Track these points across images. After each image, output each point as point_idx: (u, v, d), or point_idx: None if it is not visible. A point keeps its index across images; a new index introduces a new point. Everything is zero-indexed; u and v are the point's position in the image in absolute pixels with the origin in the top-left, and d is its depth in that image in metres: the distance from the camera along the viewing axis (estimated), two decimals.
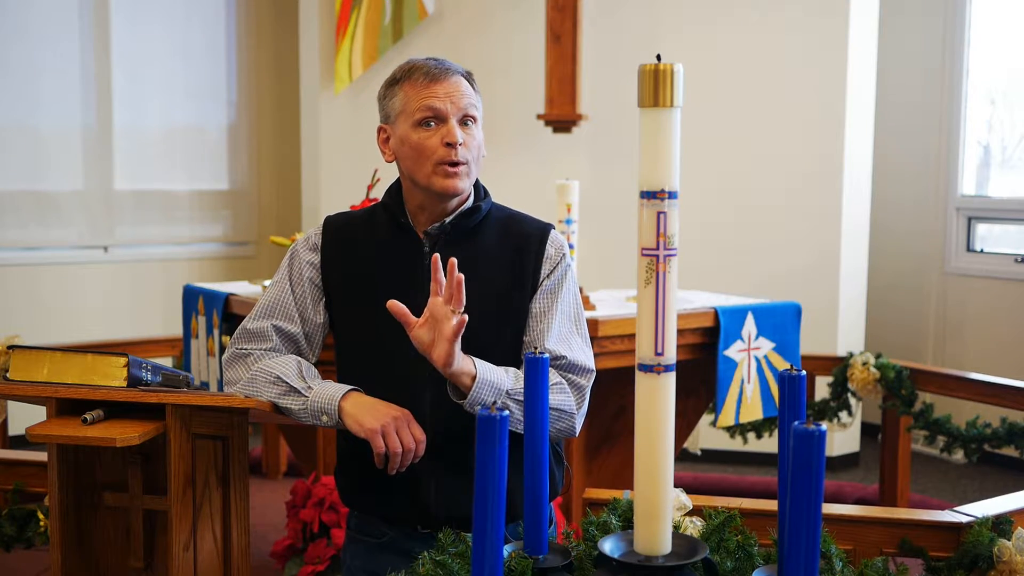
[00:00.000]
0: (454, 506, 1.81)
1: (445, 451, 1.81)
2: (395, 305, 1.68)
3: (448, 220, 1.84)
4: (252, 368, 1.84)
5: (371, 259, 1.87)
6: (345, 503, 1.97)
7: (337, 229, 1.92)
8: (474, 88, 1.85)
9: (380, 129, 1.89)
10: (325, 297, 1.90)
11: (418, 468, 1.80)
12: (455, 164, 1.79)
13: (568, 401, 1.81)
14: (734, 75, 5.24)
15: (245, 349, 1.88)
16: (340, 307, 1.89)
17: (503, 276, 1.84)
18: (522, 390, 1.74)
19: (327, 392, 1.77)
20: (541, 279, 1.86)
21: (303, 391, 1.78)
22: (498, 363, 1.77)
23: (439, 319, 1.66)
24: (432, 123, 1.80)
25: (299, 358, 1.86)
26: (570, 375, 1.83)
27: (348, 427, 1.76)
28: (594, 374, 1.86)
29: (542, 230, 1.89)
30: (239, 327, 1.92)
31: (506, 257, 1.85)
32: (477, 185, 1.90)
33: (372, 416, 1.73)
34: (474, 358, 1.73)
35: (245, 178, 6.19)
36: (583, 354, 1.85)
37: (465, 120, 1.82)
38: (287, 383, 1.79)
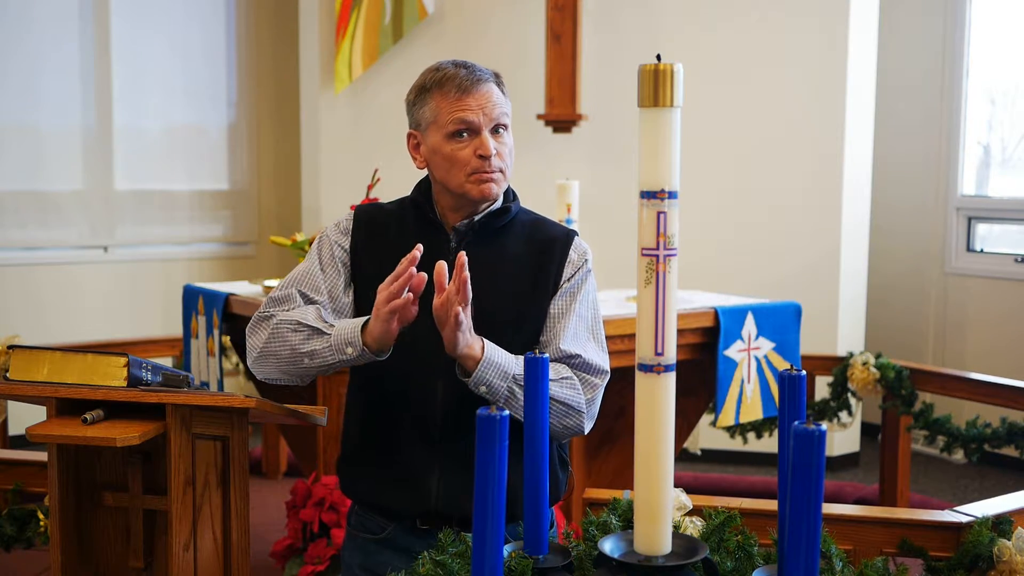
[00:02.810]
0: (456, 503, 1.81)
1: (451, 446, 1.81)
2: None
3: (477, 218, 1.86)
4: (274, 322, 1.84)
5: (397, 250, 1.85)
6: (346, 493, 1.97)
7: (368, 219, 1.93)
8: (503, 91, 1.85)
9: (410, 135, 1.89)
10: (353, 283, 1.91)
11: (423, 461, 1.82)
12: (489, 171, 1.80)
13: (577, 397, 1.81)
14: (734, 75, 5.24)
15: (268, 312, 1.88)
16: (362, 294, 1.89)
17: (526, 278, 1.85)
18: None
19: (348, 326, 1.77)
20: (562, 282, 1.87)
21: (325, 330, 1.79)
22: None
23: (450, 306, 1.67)
24: (465, 135, 1.80)
25: (319, 307, 1.86)
26: (583, 373, 1.84)
27: (370, 345, 1.74)
28: (608, 376, 1.87)
29: (567, 236, 1.91)
30: (267, 297, 1.92)
31: (530, 260, 1.87)
32: (507, 188, 1.91)
33: (380, 317, 1.71)
34: (484, 339, 1.74)
35: (245, 178, 6.19)
36: (597, 356, 1.86)
37: (497, 128, 1.82)
38: (309, 326, 1.80)
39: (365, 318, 1.79)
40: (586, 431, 1.86)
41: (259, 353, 1.85)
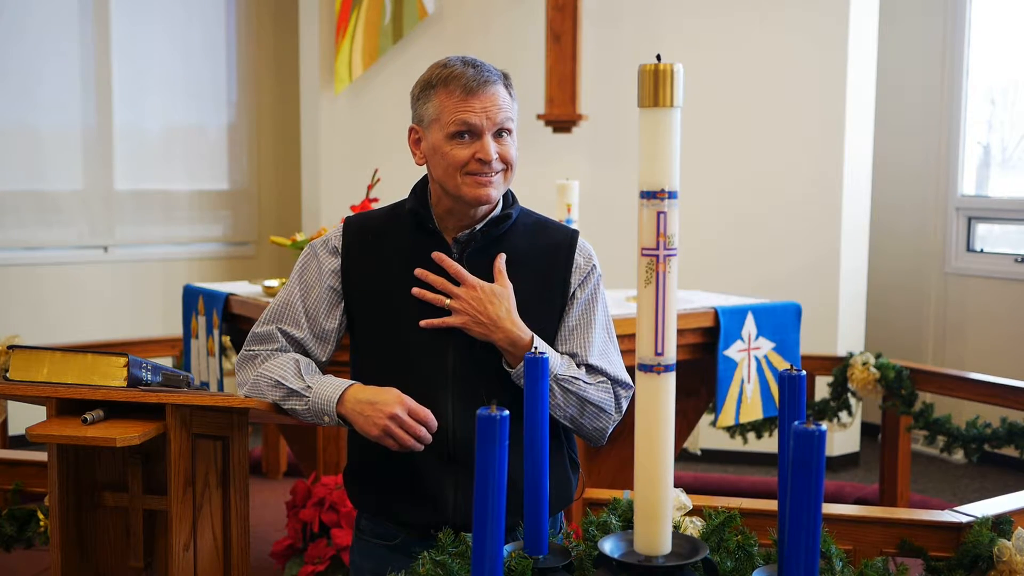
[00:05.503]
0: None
1: (466, 457, 1.79)
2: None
3: (478, 228, 1.83)
4: (256, 371, 1.84)
5: (398, 264, 1.84)
6: (356, 506, 1.95)
7: (360, 232, 1.88)
8: (511, 93, 1.82)
9: (412, 129, 1.85)
10: (344, 302, 1.88)
11: (438, 474, 1.80)
12: (487, 175, 1.78)
13: (609, 401, 1.83)
14: (734, 75, 5.24)
15: (253, 351, 1.88)
16: (362, 312, 1.86)
17: (532, 284, 1.84)
18: (570, 378, 1.78)
19: (325, 394, 1.77)
20: (572, 290, 1.85)
21: (303, 392, 1.78)
22: None
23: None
24: (466, 136, 1.76)
25: (298, 356, 1.85)
26: (615, 387, 1.86)
27: (346, 417, 1.76)
28: (632, 389, 1.86)
29: (570, 238, 1.89)
30: (250, 331, 1.91)
31: (535, 266, 1.85)
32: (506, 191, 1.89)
33: (371, 424, 1.72)
34: (535, 334, 1.77)
35: (245, 178, 6.19)
36: (621, 368, 1.87)
37: (500, 132, 1.79)
38: (286, 386, 1.79)
39: (345, 384, 1.77)
40: (605, 440, 1.88)
41: (245, 395, 1.85)
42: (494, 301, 1.77)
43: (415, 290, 1.79)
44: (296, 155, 6.13)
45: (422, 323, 1.79)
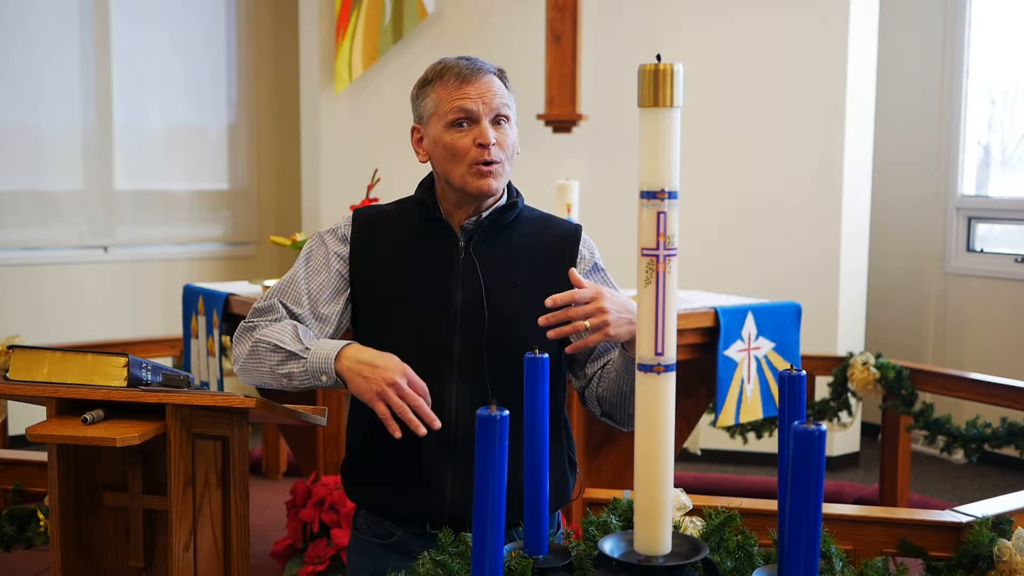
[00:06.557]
0: (470, 506, 1.79)
1: (466, 449, 1.79)
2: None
3: (484, 215, 1.85)
4: (254, 338, 1.83)
5: (404, 253, 1.86)
6: (353, 499, 1.94)
7: (368, 222, 1.90)
8: (507, 86, 1.85)
9: (414, 129, 1.89)
10: (350, 289, 1.88)
11: (436, 466, 1.80)
12: (488, 164, 1.79)
13: None
14: (734, 75, 5.24)
15: (252, 323, 1.87)
16: (368, 300, 1.87)
17: (538, 274, 1.85)
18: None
19: (323, 352, 1.75)
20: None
21: (301, 353, 1.76)
22: None
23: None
24: (464, 124, 1.79)
25: (296, 323, 1.84)
26: None
27: (344, 375, 1.74)
28: None
29: (575, 231, 1.92)
30: (252, 307, 1.91)
31: (540, 256, 1.87)
32: (509, 185, 1.90)
33: (368, 385, 1.69)
34: None
35: (245, 178, 6.19)
36: None
37: (498, 120, 1.81)
38: (285, 349, 1.77)
39: (344, 342, 1.76)
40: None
41: (241, 366, 1.84)
42: (617, 295, 1.76)
43: (551, 333, 1.72)
44: (296, 155, 6.13)
45: (568, 349, 1.75)
